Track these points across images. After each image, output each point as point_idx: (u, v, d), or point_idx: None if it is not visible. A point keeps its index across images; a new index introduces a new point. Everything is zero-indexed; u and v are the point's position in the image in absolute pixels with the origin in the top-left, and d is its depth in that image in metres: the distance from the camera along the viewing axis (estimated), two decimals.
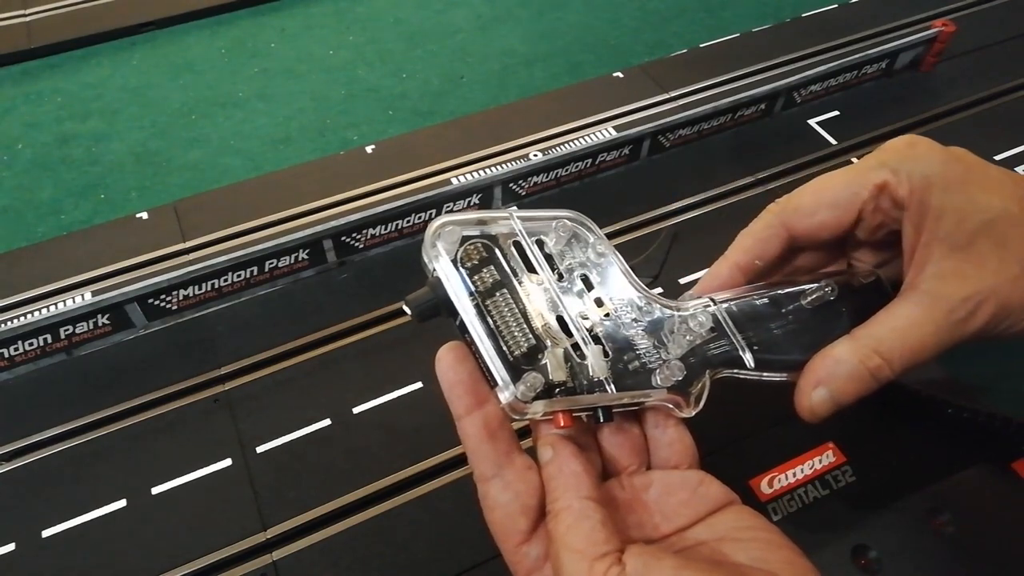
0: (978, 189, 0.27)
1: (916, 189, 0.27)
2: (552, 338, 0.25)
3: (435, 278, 0.26)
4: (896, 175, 0.28)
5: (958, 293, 0.26)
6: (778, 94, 0.55)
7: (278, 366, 0.43)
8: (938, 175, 0.27)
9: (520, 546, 0.25)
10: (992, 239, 0.26)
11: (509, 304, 0.25)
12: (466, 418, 0.25)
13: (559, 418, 0.25)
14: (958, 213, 0.26)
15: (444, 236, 0.26)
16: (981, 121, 0.56)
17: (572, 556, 0.23)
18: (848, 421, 0.38)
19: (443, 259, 0.26)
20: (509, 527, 0.25)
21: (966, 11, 0.66)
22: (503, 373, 0.24)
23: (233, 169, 0.56)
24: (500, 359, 0.24)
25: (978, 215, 0.26)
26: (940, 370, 0.40)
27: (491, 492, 0.25)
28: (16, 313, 0.45)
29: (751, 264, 0.30)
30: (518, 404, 0.24)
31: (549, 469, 0.25)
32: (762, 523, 0.26)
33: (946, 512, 0.33)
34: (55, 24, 0.69)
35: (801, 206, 0.29)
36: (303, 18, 0.71)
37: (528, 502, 0.25)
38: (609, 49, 0.66)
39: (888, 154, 0.29)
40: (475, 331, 0.25)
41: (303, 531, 0.36)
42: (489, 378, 0.25)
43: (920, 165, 0.27)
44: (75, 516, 0.37)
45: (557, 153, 0.50)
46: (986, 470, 0.35)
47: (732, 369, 0.28)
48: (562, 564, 0.23)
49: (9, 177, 0.56)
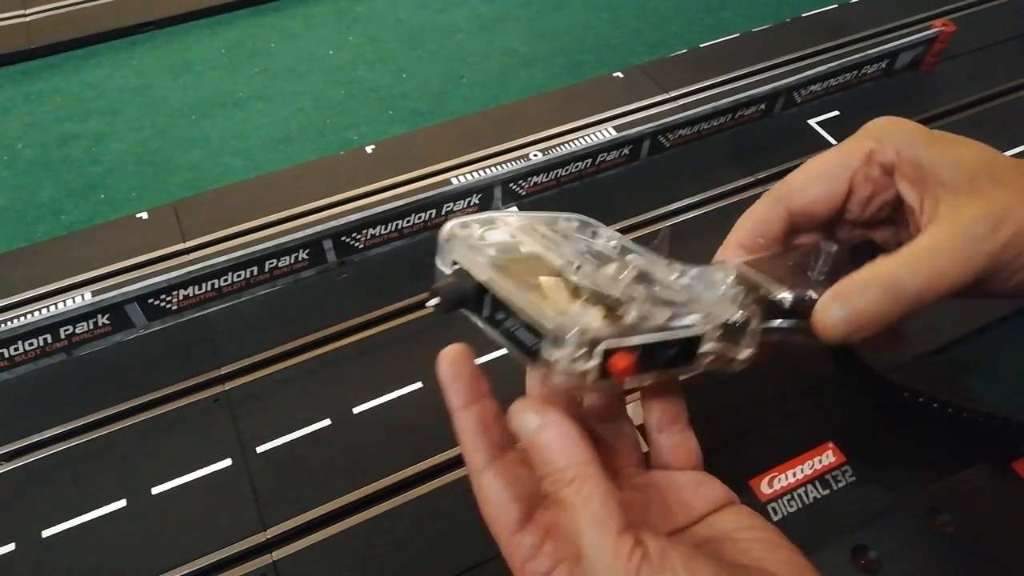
0: (955, 146, 0.28)
1: (903, 151, 0.28)
2: (592, 290, 0.24)
3: (458, 269, 0.25)
4: (880, 143, 0.29)
5: (973, 213, 0.26)
6: (778, 94, 0.55)
7: (278, 366, 0.43)
8: (919, 137, 0.28)
9: (514, 535, 0.25)
10: (988, 177, 0.27)
11: (538, 270, 0.24)
12: (463, 411, 0.26)
13: (619, 359, 0.23)
14: (950, 159, 0.27)
15: (457, 234, 0.25)
16: (981, 121, 0.56)
17: (596, 528, 0.22)
18: (848, 421, 0.38)
19: (461, 247, 0.25)
20: (502, 517, 0.25)
21: (966, 11, 0.66)
22: (556, 320, 0.22)
23: (233, 169, 0.56)
24: (544, 314, 0.23)
25: (969, 160, 0.27)
26: (940, 370, 0.40)
27: (483, 483, 0.26)
28: (16, 313, 0.45)
29: (754, 242, 0.30)
30: (571, 361, 0.22)
31: (542, 437, 0.24)
32: (761, 523, 0.26)
33: (946, 512, 0.33)
34: (55, 24, 0.69)
35: (796, 185, 0.30)
36: (303, 18, 0.71)
37: (521, 491, 0.25)
38: (609, 49, 0.66)
39: (869, 127, 0.30)
40: (510, 294, 0.23)
41: (303, 531, 0.36)
42: (529, 348, 0.23)
43: (901, 132, 0.29)
44: (75, 516, 0.37)
45: (557, 153, 0.50)
46: (986, 470, 0.35)
47: (772, 319, 0.27)
48: (583, 536, 0.22)
49: (9, 177, 0.56)
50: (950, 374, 0.40)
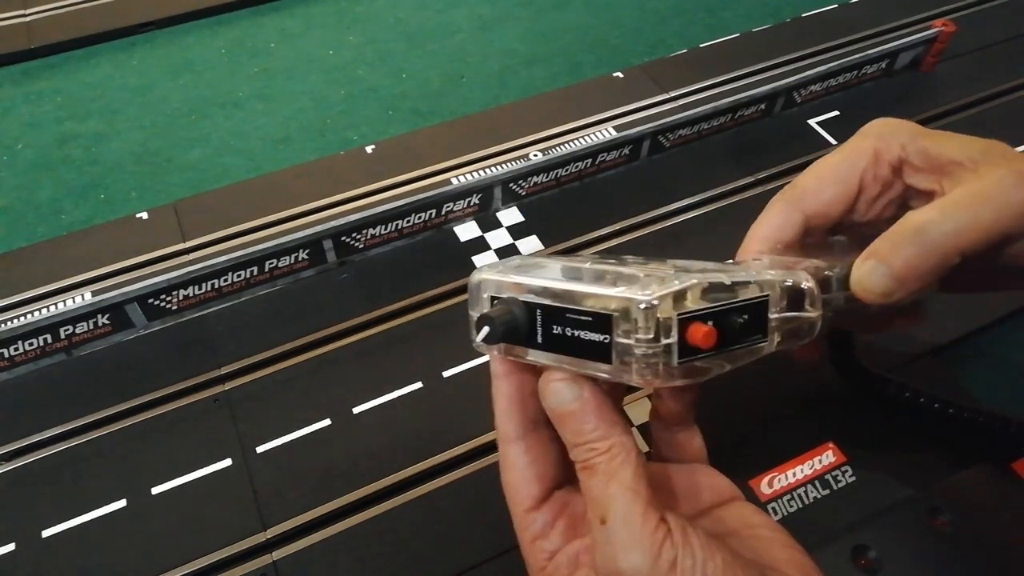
0: (955, 136, 0.28)
1: (907, 145, 0.29)
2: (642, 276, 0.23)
3: (504, 299, 0.24)
4: (884, 140, 0.29)
5: (998, 171, 0.26)
6: (778, 94, 0.55)
7: (278, 366, 0.43)
8: (919, 132, 0.29)
9: (529, 512, 0.26)
10: (999, 153, 0.27)
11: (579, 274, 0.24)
12: (505, 379, 0.26)
13: (696, 328, 0.21)
14: (956, 144, 0.28)
15: (487, 277, 0.25)
16: (981, 121, 0.56)
17: (628, 496, 0.22)
18: (848, 421, 0.38)
19: (493, 283, 0.24)
20: (522, 491, 0.26)
21: (966, 11, 0.66)
22: (623, 295, 0.21)
23: (233, 169, 0.56)
24: (609, 295, 0.22)
25: (974, 144, 0.27)
26: (940, 370, 0.40)
27: (511, 453, 0.26)
28: (16, 313, 0.45)
29: (774, 250, 0.30)
30: (650, 341, 0.21)
31: (579, 406, 0.24)
32: (768, 521, 0.26)
33: (946, 512, 0.33)
34: (55, 24, 0.69)
35: (808, 188, 0.30)
36: (303, 18, 0.71)
37: (544, 471, 0.26)
38: (609, 49, 0.66)
39: (868, 127, 0.31)
40: (565, 289, 0.22)
41: (303, 531, 0.36)
42: (599, 345, 0.22)
43: (901, 129, 0.29)
44: (75, 516, 0.37)
45: (557, 153, 0.50)
46: (986, 470, 0.35)
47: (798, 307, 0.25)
48: (613, 502, 0.22)
49: (9, 177, 0.56)
50: (950, 374, 0.40)
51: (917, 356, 0.41)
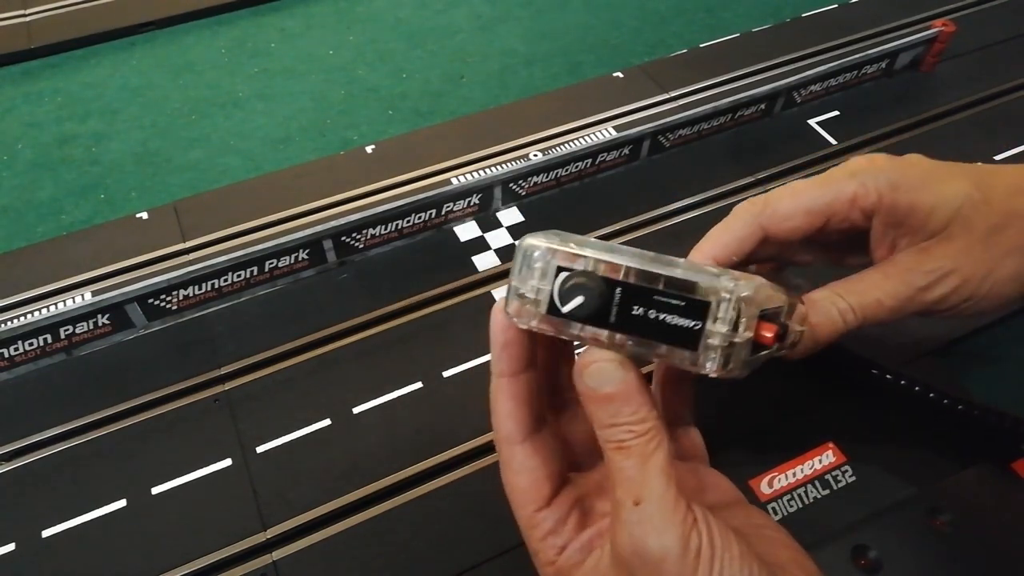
0: (940, 182, 0.30)
1: (885, 195, 0.30)
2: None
3: (578, 272, 0.23)
4: (865, 187, 0.30)
5: (922, 265, 0.30)
6: (778, 94, 0.55)
7: (278, 366, 0.43)
8: (903, 179, 0.30)
9: (539, 511, 0.25)
10: (960, 224, 0.29)
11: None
12: (512, 378, 0.25)
13: (767, 327, 0.23)
14: (928, 208, 0.29)
15: (540, 244, 0.23)
16: (981, 121, 0.56)
17: (663, 479, 0.23)
18: (848, 421, 0.38)
19: (558, 253, 0.23)
20: (533, 493, 0.25)
21: (966, 11, 0.66)
22: (719, 281, 0.22)
23: (233, 169, 0.56)
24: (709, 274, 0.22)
25: (946, 206, 0.29)
26: (940, 371, 0.40)
27: (518, 455, 0.26)
28: (16, 313, 0.45)
29: (728, 260, 0.31)
30: (744, 331, 0.22)
31: (623, 387, 0.23)
32: (771, 522, 0.26)
33: (946, 512, 0.33)
34: (55, 24, 0.69)
35: (778, 209, 0.31)
36: (303, 18, 0.71)
37: (553, 469, 0.26)
38: (609, 49, 0.66)
39: (854, 166, 0.31)
40: (659, 267, 0.22)
41: (303, 531, 0.36)
42: (687, 332, 0.22)
43: (885, 174, 0.30)
44: (75, 516, 0.37)
45: (557, 153, 0.50)
46: (986, 470, 0.35)
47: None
48: (649, 483, 0.22)
49: (9, 177, 0.56)
50: (950, 375, 0.40)
51: (917, 356, 0.41)
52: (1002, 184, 0.31)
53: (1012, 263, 0.30)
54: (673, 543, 0.22)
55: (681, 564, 0.22)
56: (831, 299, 0.31)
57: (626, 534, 0.22)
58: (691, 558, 0.22)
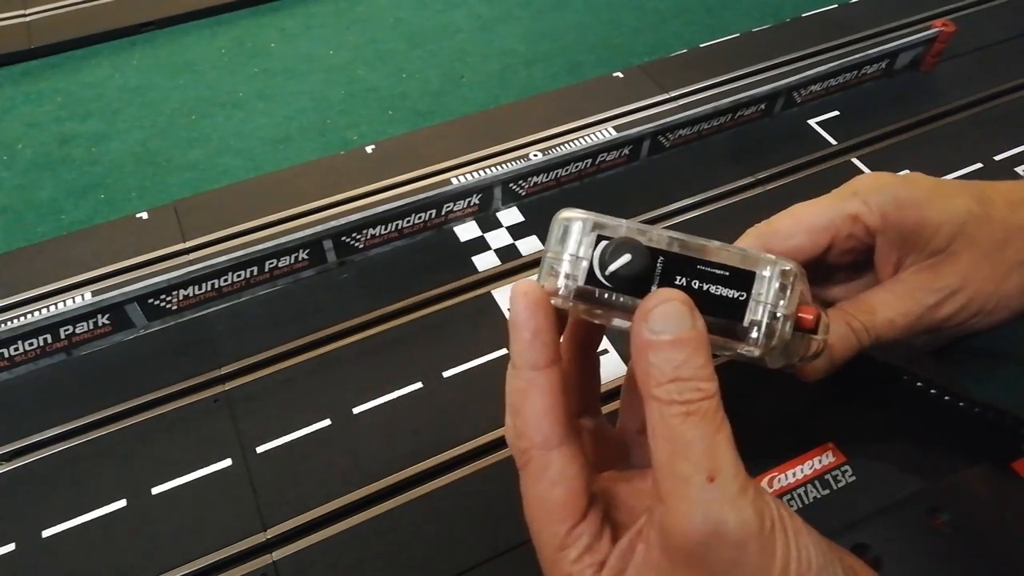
0: (944, 199, 0.30)
1: (889, 214, 0.30)
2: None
3: (620, 239, 0.22)
4: (867, 205, 0.30)
5: (931, 284, 0.30)
6: (778, 94, 0.55)
7: (278, 366, 0.43)
8: (907, 197, 0.30)
9: (575, 527, 0.22)
10: (964, 240, 0.30)
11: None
12: (545, 370, 0.22)
13: (808, 308, 0.23)
14: (933, 225, 0.30)
15: (576, 216, 0.23)
16: (981, 121, 0.56)
17: (733, 449, 0.21)
18: (848, 421, 0.38)
19: (595, 224, 0.23)
20: (571, 506, 0.22)
21: (966, 11, 0.66)
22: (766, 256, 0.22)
23: (233, 169, 0.56)
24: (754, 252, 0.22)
25: (950, 223, 0.30)
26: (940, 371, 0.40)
27: (556, 463, 0.22)
28: (16, 313, 0.45)
29: None
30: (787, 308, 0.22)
31: (697, 334, 0.21)
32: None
33: (946, 512, 0.33)
34: (55, 24, 0.69)
35: (780, 230, 0.31)
36: (303, 18, 0.71)
37: (589, 477, 0.23)
38: (609, 49, 0.66)
39: (857, 185, 0.31)
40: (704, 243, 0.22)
41: (303, 531, 0.36)
42: (734, 302, 0.22)
43: (889, 192, 0.30)
44: (75, 516, 0.37)
45: (557, 153, 0.50)
46: (986, 470, 0.35)
47: None
48: (724, 453, 0.20)
49: (9, 177, 0.56)
50: (950, 374, 0.40)
51: (917, 356, 0.41)
52: (1002, 199, 0.31)
53: (1018, 276, 0.31)
54: (752, 519, 0.20)
55: (761, 541, 0.20)
56: (845, 319, 0.31)
57: (700, 515, 0.20)
58: (767, 534, 0.20)
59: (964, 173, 0.52)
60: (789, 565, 0.20)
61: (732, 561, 0.20)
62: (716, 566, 0.20)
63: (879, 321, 0.31)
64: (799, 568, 0.21)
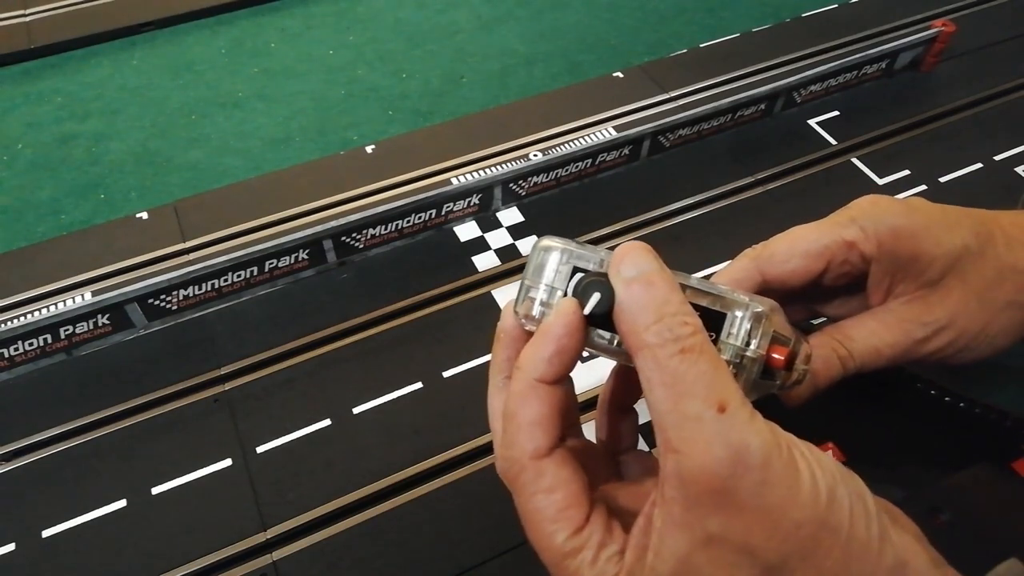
0: (941, 231, 0.30)
1: (885, 242, 0.30)
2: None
3: (592, 273, 0.23)
4: (864, 232, 0.30)
5: (920, 318, 0.30)
6: (778, 94, 0.55)
7: (278, 366, 0.43)
8: (904, 227, 0.30)
9: (581, 530, 0.22)
10: (956, 275, 0.30)
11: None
12: (557, 386, 0.23)
13: (779, 348, 0.23)
14: (927, 256, 0.30)
15: (554, 245, 0.24)
16: (981, 121, 0.56)
17: (733, 379, 0.21)
18: (848, 421, 0.38)
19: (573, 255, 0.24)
20: (572, 510, 0.22)
21: (966, 11, 0.66)
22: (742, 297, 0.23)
23: (233, 169, 0.56)
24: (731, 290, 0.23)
25: (945, 258, 0.30)
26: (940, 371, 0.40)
27: (548, 471, 0.22)
28: (16, 313, 0.45)
29: None
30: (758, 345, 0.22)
31: (665, 275, 0.22)
32: None
33: (946, 511, 0.33)
34: (55, 24, 0.69)
35: (776, 253, 0.31)
36: (303, 18, 0.71)
37: (585, 479, 0.23)
38: (609, 49, 0.66)
39: (856, 211, 0.31)
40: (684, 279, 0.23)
41: (303, 531, 0.36)
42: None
43: (887, 220, 0.30)
44: (75, 516, 0.37)
45: (557, 153, 0.50)
46: (986, 470, 0.35)
47: None
48: (729, 383, 0.21)
49: (9, 177, 0.56)
50: (950, 374, 0.40)
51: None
52: (1001, 235, 0.31)
53: (1006, 318, 0.31)
54: (771, 438, 0.20)
55: (783, 458, 0.20)
56: (831, 345, 0.31)
57: (721, 445, 0.19)
58: (787, 451, 0.20)
59: (964, 173, 0.52)
60: (815, 475, 0.20)
61: (759, 483, 0.20)
62: (744, 494, 0.20)
63: (865, 350, 0.31)
64: (824, 477, 0.21)
